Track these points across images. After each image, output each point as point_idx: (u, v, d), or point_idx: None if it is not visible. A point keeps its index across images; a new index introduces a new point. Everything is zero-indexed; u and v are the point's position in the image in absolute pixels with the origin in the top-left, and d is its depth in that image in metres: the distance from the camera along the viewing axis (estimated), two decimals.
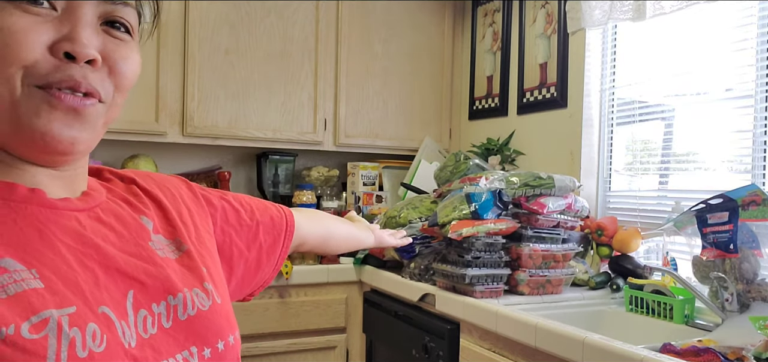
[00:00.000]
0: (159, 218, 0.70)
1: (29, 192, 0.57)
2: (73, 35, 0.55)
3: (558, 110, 2.47)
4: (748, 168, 1.86)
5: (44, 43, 0.54)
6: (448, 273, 1.86)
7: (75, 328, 0.52)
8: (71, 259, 0.56)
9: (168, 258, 0.66)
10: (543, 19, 2.55)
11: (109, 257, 0.59)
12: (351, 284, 2.46)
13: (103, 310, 0.56)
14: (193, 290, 0.65)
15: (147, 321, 0.59)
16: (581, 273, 2.00)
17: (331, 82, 2.77)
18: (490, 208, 1.81)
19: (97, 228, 0.61)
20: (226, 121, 2.56)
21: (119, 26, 0.60)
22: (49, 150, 0.56)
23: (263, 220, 0.90)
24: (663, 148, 2.17)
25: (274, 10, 2.63)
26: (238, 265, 0.84)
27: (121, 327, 0.56)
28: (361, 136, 2.84)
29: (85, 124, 0.57)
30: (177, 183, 0.80)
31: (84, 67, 0.56)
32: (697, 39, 2.00)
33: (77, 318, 0.53)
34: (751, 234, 1.61)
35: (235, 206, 0.87)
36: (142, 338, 0.58)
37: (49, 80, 0.55)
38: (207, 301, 0.66)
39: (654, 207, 2.14)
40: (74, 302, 0.53)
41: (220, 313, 0.67)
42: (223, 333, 0.66)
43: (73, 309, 0.53)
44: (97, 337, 0.53)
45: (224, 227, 0.83)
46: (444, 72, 3.05)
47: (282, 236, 0.93)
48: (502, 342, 1.64)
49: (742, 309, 1.57)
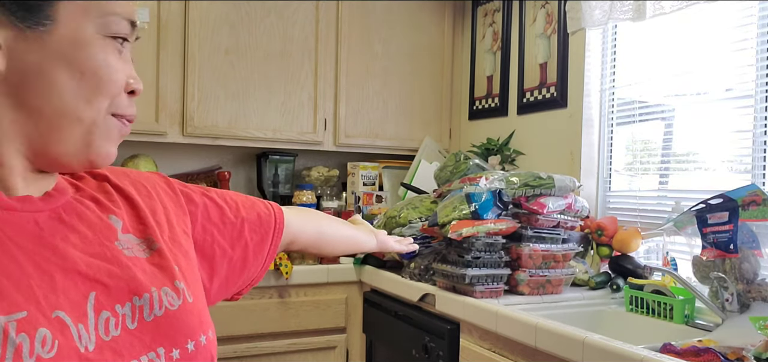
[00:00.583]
0: (130, 217, 0.70)
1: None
2: (135, 76, 0.66)
3: (558, 110, 2.47)
4: (748, 168, 1.86)
5: (123, 80, 0.64)
6: (448, 273, 1.86)
7: (23, 334, 0.52)
8: (26, 263, 0.56)
9: (136, 258, 0.66)
10: (543, 19, 2.55)
11: (68, 259, 0.59)
12: (351, 284, 2.46)
13: (58, 315, 0.55)
14: (162, 289, 0.65)
15: (109, 323, 0.59)
16: (581, 273, 2.00)
17: (331, 82, 2.77)
18: (490, 208, 1.81)
19: (58, 229, 0.61)
20: (226, 121, 2.56)
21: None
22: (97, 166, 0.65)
23: (249, 218, 0.89)
24: (663, 147, 2.17)
25: (274, 10, 2.63)
26: (222, 264, 0.83)
27: (77, 331, 0.56)
28: (361, 136, 2.84)
29: None
30: (154, 181, 0.79)
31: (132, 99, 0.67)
32: (697, 39, 2.00)
33: (26, 324, 0.52)
34: (751, 234, 1.61)
35: (219, 203, 0.85)
36: (103, 341, 0.58)
37: (124, 112, 0.65)
38: (177, 300, 0.66)
39: (654, 207, 2.14)
40: (25, 307, 0.53)
41: (190, 312, 0.66)
42: (193, 333, 0.66)
43: (24, 314, 0.53)
44: (48, 343, 0.53)
45: (206, 225, 0.82)
46: (444, 72, 3.05)
47: (270, 234, 0.91)
48: (502, 342, 1.64)
49: (742, 309, 1.57)
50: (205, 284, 0.80)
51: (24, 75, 0.58)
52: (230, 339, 2.21)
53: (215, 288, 0.82)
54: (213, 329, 0.70)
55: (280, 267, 2.29)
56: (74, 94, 0.59)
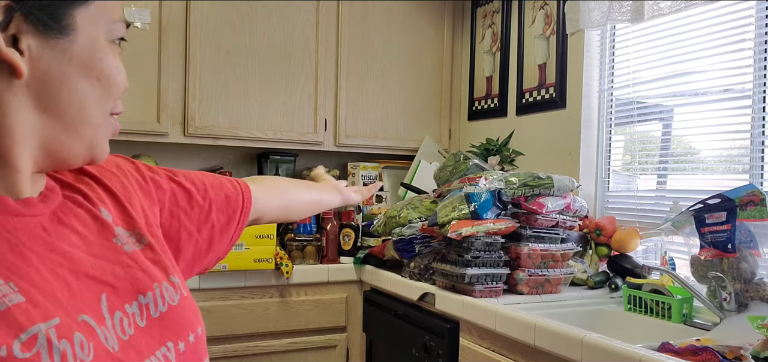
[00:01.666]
0: (115, 208, 0.70)
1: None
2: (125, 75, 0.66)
3: (557, 110, 2.48)
4: (746, 168, 1.87)
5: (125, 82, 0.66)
6: (447, 273, 1.87)
7: (64, 340, 0.52)
8: (43, 269, 0.56)
9: (135, 251, 0.67)
10: (542, 20, 2.56)
11: (77, 263, 0.59)
12: (351, 283, 2.47)
13: (83, 318, 0.56)
14: (162, 284, 0.66)
15: (123, 323, 0.60)
16: (580, 272, 2.01)
17: (332, 82, 2.77)
18: (490, 208, 1.81)
19: (62, 232, 0.61)
20: (227, 122, 2.57)
21: None
22: (98, 161, 0.67)
23: (217, 199, 0.88)
24: (661, 148, 2.18)
25: (274, 11, 2.64)
26: (187, 247, 0.83)
27: (102, 333, 0.56)
28: (361, 136, 2.85)
29: None
30: (125, 166, 0.78)
31: None
32: (694, 39, 2.01)
33: (63, 330, 0.52)
34: (749, 233, 1.61)
35: (187, 187, 0.85)
36: (122, 340, 0.58)
37: (117, 110, 0.66)
38: (176, 296, 0.67)
39: (652, 207, 2.15)
40: (56, 313, 0.53)
41: (188, 307, 0.68)
42: (192, 326, 0.68)
43: (57, 320, 0.53)
44: (85, 347, 0.53)
45: (173, 210, 0.81)
46: (443, 72, 3.06)
47: (237, 214, 0.92)
48: (502, 341, 1.65)
49: (740, 309, 1.58)
50: None
51: (47, 81, 0.59)
52: (231, 338, 2.22)
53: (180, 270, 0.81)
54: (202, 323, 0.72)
55: (280, 267, 2.30)
56: (93, 98, 0.62)
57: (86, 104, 0.62)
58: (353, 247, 2.56)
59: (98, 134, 0.64)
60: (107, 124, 0.65)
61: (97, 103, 0.62)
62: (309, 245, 2.49)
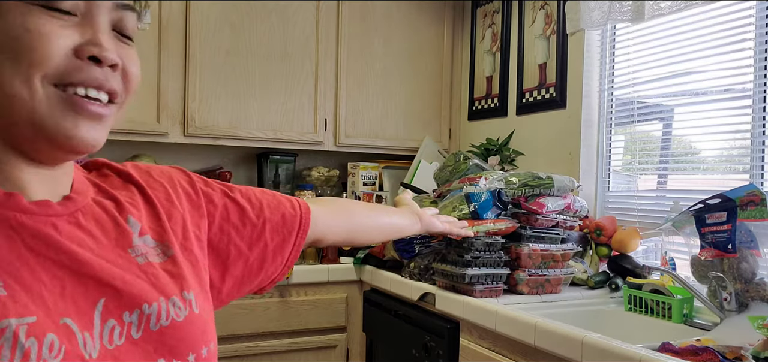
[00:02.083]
0: (149, 217, 0.70)
1: (5, 196, 0.57)
2: (98, 41, 0.58)
3: (557, 110, 2.48)
4: (746, 168, 1.87)
5: (69, 47, 0.57)
6: (447, 273, 1.86)
7: (32, 338, 0.52)
8: (39, 268, 0.56)
9: (149, 264, 0.65)
10: (542, 19, 2.56)
11: (83, 263, 0.59)
12: (351, 283, 2.46)
13: (65, 321, 0.55)
14: (170, 299, 0.64)
15: (114, 332, 0.59)
16: (580, 272, 2.01)
17: (332, 82, 2.77)
18: (490, 208, 1.81)
19: (74, 233, 0.61)
20: (227, 121, 2.57)
21: (126, 34, 0.63)
22: (72, 150, 0.59)
23: (272, 218, 0.87)
24: (662, 148, 2.18)
25: (274, 11, 2.64)
26: (236, 265, 0.82)
27: (82, 339, 0.56)
28: (361, 136, 2.85)
29: (104, 128, 0.60)
30: (177, 178, 0.78)
31: (106, 69, 0.59)
32: (695, 39, 2.01)
33: (36, 328, 0.52)
34: (750, 233, 1.61)
35: (241, 203, 0.84)
36: (106, 349, 0.58)
37: (71, 80, 0.57)
38: (183, 312, 0.65)
39: (653, 207, 2.15)
40: (35, 312, 0.53)
41: (195, 325, 0.66)
42: (195, 346, 0.65)
43: (34, 319, 0.53)
44: (55, 348, 0.53)
45: (223, 225, 0.81)
46: (444, 72, 3.05)
47: (293, 236, 0.89)
48: (502, 341, 1.65)
49: (741, 309, 1.58)
50: (216, 284, 0.79)
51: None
52: (231, 338, 2.22)
53: (227, 288, 0.81)
54: (215, 341, 0.70)
55: None
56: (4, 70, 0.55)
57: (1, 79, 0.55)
58: (353, 247, 2.56)
59: (37, 112, 0.55)
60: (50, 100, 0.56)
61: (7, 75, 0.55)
62: None
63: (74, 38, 0.57)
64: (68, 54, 0.57)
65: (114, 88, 0.60)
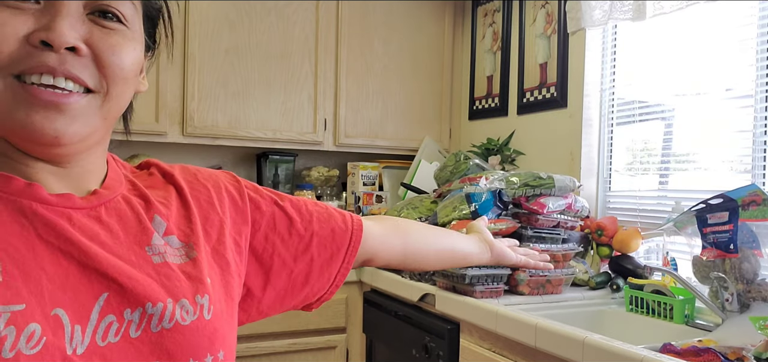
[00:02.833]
0: (179, 218, 0.69)
1: (26, 185, 0.57)
2: (51, 25, 0.54)
3: (558, 110, 2.47)
4: (748, 168, 1.86)
5: (21, 34, 0.54)
6: (448, 273, 1.86)
7: (11, 327, 0.51)
8: (45, 257, 0.56)
9: (166, 264, 0.64)
10: (543, 19, 2.55)
11: (91, 256, 0.58)
12: (351, 284, 2.46)
13: (57, 312, 0.54)
14: (179, 302, 0.62)
15: (110, 329, 0.57)
16: (581, 273, 2.00)
17: (331, 82, 2.77)
18: (490, 208, 1.81)
19: (90, 226, 0.60)
20: (227, 121, 2.56)
21: (111, 16, 0.59)
22: (34, 141, 0.56)
23: (321, 232, 0.84)
24: (663, 147, 2.17)
25: (274, 10, 2.63)
26: (279, 276, 0.79)
27: (71, 332, 0.55)
28: (361, 136, 2.85)
29: (71, 117, 0.57)
30: (224, 182, 0.77)
31: (64, 54, 0.55)
32: (697, 39, 2.00)
33: (19, 317, 0.52)
34: (751, 234, 1.60)
35: (290, 213, 0.81)
36: (96, 346, 0.56)
37: (22, 68, 0.54)
38: (191, 316, 0.62)
39: (654, 207, 2.14)
40: (27, 299, 0.53)
41: (202, 331, 0.63)
42: (198, 352, 0.62)
43: (22, 306, 0.52)
44: (34, 339, 0.52)
45: (269, 234, 0.79)
46: (444, 72, 3.05)
47: (342, 252, 0.86)
48: (502, 342, 1.64)
49: (743, 309, 1.57)
50: (256, 293, 0.78)
51: None
52: None
53: (268, 299, 0.79)
54: (227, 349, 0.66)
55: None
56: None
57: None
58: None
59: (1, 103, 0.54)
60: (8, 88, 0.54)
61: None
62: None
63: (28, 25, 0.55)
64: (20, 41, 0.54)
65: (76, 75, 0.56)
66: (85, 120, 0.58)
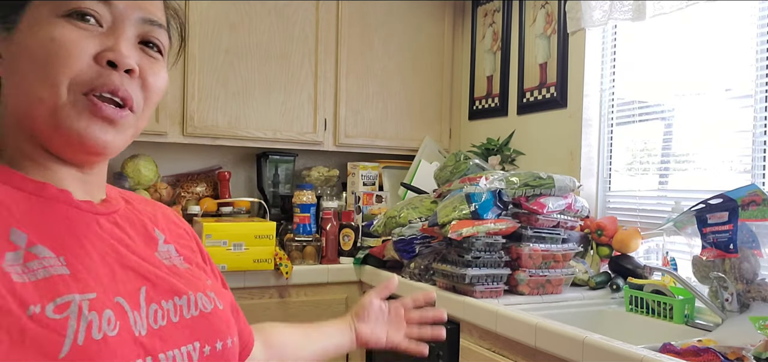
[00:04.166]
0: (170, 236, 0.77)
1: (59, 191, 0.64)
2: (116, 47, 0.63)
3: (558, 110, 2.47)
4: (747, 168, 1.86)
5: (90, 54, 0.62)
6: (448, 273, 1.86)
7: (93, 312, 0.58)
8: (94, 254, 0.63)
9: (174, 266, 0.73)
10: (543, 19, 2.55)
11: (124, 257, 0.66)
12: (351, 284, 2.46)
13: (118, 300, 0.62)
14: (197, 294, 0.71)
15: (158, 314, 0.65)
16: (581, 273, 2.00)
17: (331, 82, 2.77)
18: (490, 208, 1.81)
19: (114, 231, 0.68)
20: (227, 121, 2.56)
21: (152, 46, 0.69)
22: (84, 149, 0.64)
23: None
24: (663, 147, 2.17)
25: (274, 10, 2.63)
26: None
27: (133, 317, 0.62)
28: (361, 136, 2.84)
29: (117, 131, 0.65)
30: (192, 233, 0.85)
31: (123, 75, 0.64)
32: (697, 39, 2.00)
33: (96, 304, 0.59)
34: (751, 234, 1.61)
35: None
36: (152, 328, 0.64)
37: (92, 86, 0.62)
38: (210, 305, 0.72)
39: (654, 207, 2.14)
40: (95, 289, 0.60)
41: (220, 317, 0.73)
42: (223, 335, 0.71)
43: (94, 295, 0.59)
44: (112, 322, 0.59)
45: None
46: (444, 72, 3.05)
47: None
48: (502, 342, 1.64)
49: (742, 309, 1.57)
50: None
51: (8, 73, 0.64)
52: None
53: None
54: (237, 335, 0.76)
55: (280, 267, 2.29)
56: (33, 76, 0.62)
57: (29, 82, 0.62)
58: (353, 248, 2.55)
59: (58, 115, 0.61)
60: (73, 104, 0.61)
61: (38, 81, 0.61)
62: (308, 245, 2.48)
63: (96, 46, 0.63)
64: (89, 61, 0.62)
65: (129, 94, 0.64)
66: (126, 134, 0.66)
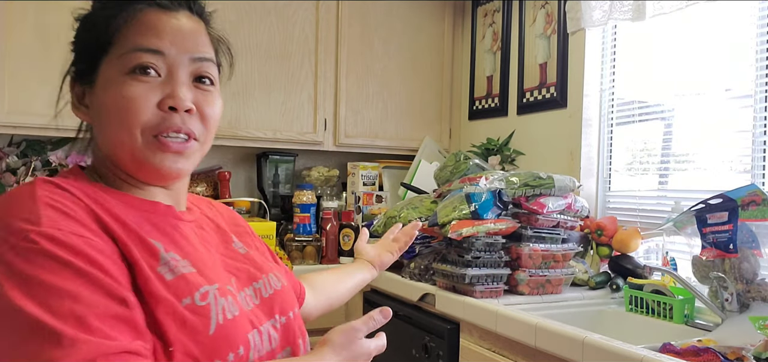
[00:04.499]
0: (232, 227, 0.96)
1: (166, 207, 0.81)
2: (174, 93, 0.77)
3: (558, 110, 2.47)
4: (747, 168, 1.86)
5: (154, 103, 0.76)
6: (448, 273, 1.86)
7: (222, 298, 0.75)
8: (202, 252, 0.80)
9: (247, 254, 0.90)
10: (543, 19, 2.55)
11: (215, 256, 0.84)
12: None
13: (229, 288, 0.79)
14: (269, 275, 0.89)
15: (247, 299, 0.82)
16: (581, 273, 2.00)
17: (331, 82, 2.77)
18: (490, 208, 1.81)
19: (203, 234, 0.86)
20: (227, 121, 2.56)
21: (205, 80, 0.81)
22: (161, 178, 0.80)
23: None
24: (663, 147, 2.17)
25: (274, 10, 2.63)
26: None
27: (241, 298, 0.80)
28: (361, 136, 2.85)
29: (186, 159, 0.80)
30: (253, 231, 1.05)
31: (183, 114, 0.77)
32: (697, 39, 2.00)
33: (221, 292, 0.76)
34: (751, 234, 1.61)
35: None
36: (250, 309, 0.81)
37: (159, 129, 0.76)
38: (278, 283, 0.90)
39: (654, 207, 2.14)
40: (216, 281, 0.77)
41: (287, 292, 0.91)
42: (292, 307, 0.90)
43: (216, 285, 0.76)
44: (235, 305, 0.77)
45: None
46: (444, 72, 3.05)
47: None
48: (502, 341, 1.65)
49: (742, 309, 1.57)
50: None
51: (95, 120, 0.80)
52: None
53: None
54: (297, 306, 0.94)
55: None
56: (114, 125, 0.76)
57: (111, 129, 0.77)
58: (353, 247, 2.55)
59: (137, 155, 0.76)
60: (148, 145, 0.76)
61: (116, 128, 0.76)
62: (309, 245, 2.48)
63: (157, 95, 0.76)
64: (154, 109, 0.76)
65: (191, 130, 0.79)
66: (194, 158, 0.81)
